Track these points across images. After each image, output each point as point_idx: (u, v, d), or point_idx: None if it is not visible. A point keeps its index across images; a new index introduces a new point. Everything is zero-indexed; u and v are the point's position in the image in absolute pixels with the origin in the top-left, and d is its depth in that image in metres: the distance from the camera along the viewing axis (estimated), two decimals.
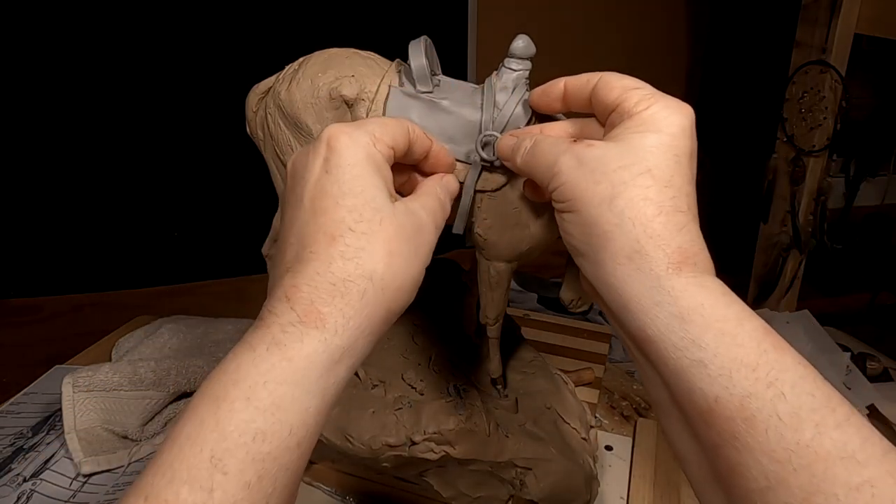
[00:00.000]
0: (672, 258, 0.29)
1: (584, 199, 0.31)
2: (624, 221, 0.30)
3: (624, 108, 0.32)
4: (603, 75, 0.35)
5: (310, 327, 0.28)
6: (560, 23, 1.36)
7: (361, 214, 0.30)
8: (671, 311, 0.28)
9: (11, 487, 0.62)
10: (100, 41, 1.13)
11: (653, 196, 0.30)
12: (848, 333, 1.05)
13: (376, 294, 0.30)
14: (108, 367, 0.69)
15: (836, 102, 1.10)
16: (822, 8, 1.07)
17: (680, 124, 0.31)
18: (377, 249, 0.30)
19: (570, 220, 0.32)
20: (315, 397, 0.28)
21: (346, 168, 0.31)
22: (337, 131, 0.32)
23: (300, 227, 0.31)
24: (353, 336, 0.29)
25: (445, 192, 0.38)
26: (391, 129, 0.34)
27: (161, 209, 1.28)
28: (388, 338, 0.58)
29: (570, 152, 0.32)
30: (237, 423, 0.26)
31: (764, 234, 1.29)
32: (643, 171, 0.30)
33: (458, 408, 0.51)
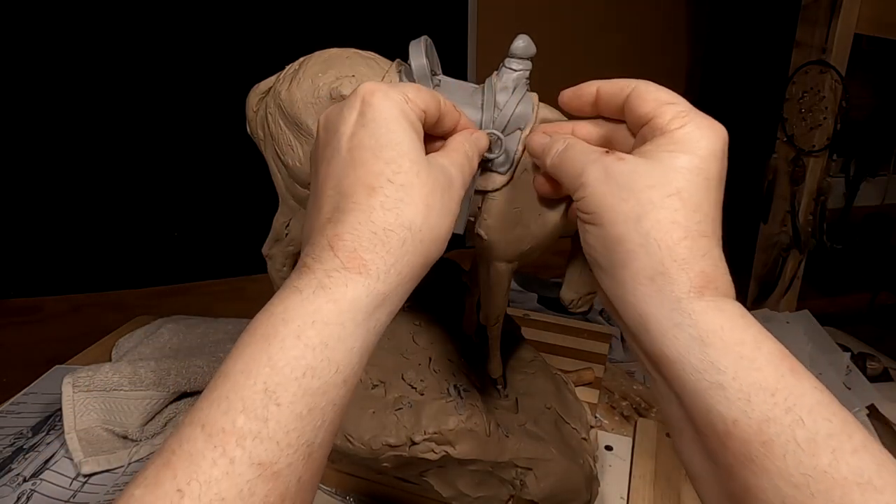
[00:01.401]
0: (694, 282, 0.29)
1: (609, 214, 0.31)
2: (649, 242, 0.30)
3: (657, 124, 0.32)
4: (637, 84, 0.34)
5: (353, 273, 0.29)
6: (560, 23, 1.36)
7: (400, 166, 0.31)
8: (691, 334, 0.28)
9: (11, 487, 0.62)
10: (100, 41, 1.13)
11: (680, 219, 0.30)
12: (848, 333, 1.05)
13: (415, 243, 0.31)
14: (108, 367, 0.69)
15: (836, 102, 1.10)
16: (822, 8, 1.08)
17: (712, 147, 0.31)
18: (416, 201, 0.31)
19: (593, 232, 0.32)
20: (358, 339, 0.29)
21: (381, 122, 0.31)
22: (372, 87, 0.32)
23: (338, 179, 0.32)
24: (394, 282, 0.30)
25: (474, 147, 0.38)
26: (424, 94, 0.34)
27: (161, 209, 1.28)
28: (388, 338, 0.58)
29: (599, 163, 0.32)
30: (288, 359, 0.27)
31: (764, 234, 1.29)
32: (672, 193, 0.30)
33: (458, 408, 0.51)
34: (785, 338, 0.95)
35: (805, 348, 0.92)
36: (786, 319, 1.02)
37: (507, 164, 0.44)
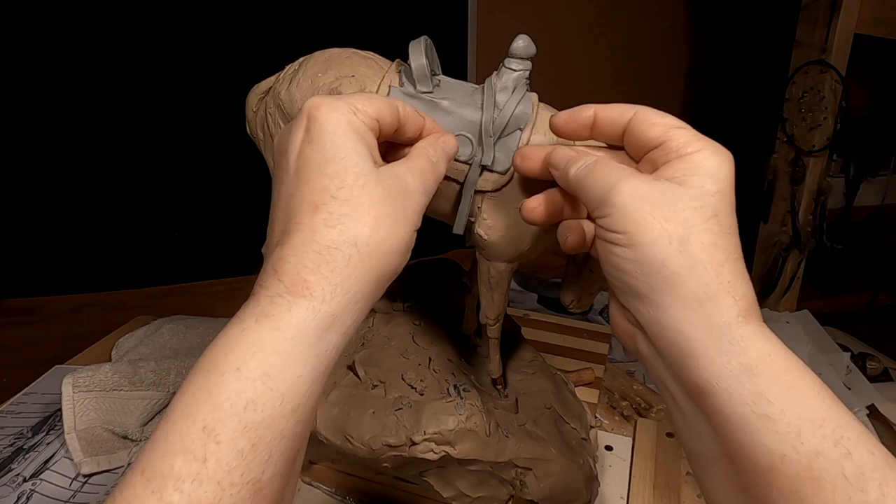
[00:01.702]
0: (741, 305, 0.28)
1: (648, 235, 0.30)
2: (696, 265, 0.29)
3: (671, 147, 0.32)
4: (639, 109, 0.34)
5: (297, 296, 0.28)
6: (560, 23, 1.36)
7: (344, 180, 0.30)
8: (740, 362, 0.27)
9: (11, 487, 0.62)
10: (100, 41, 1.13)
11: (720, 242, 0.29)
12: (848, 333, 1.05)
13: (362, 259, 0.30)
14: (108, 367, 0.69)
15: (836, 102, 1.10)
16: (822, 8, 1.08)
17: (729, 171, 0.31)
18: (361, 215, 0.30)
19: (625, 255, 0.30)
20: (307, 365, 0.28)
21: (326, 136, 0.31)
22: (318, 101, 0.31)
23: (287, 200, 0.31)
24: (342, 302, 0.29)
25: (440, 151, 0.36)
26: (376, 102, 0.33)
27: (161, 209, 1.28)
28: (388, 338, 0.58)
29: (634, 179, 0.31)
30: (228, 394, 0.26)
31: (764, 234, 1.29)
32: (712, 216, 0.30)
33: (458, 408, 0.51)
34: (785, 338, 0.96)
35: (805, 348, 0.92)
36: (786, 319, 1.02)
37: (508, 163, 0.44)
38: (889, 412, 0.80)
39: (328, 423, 0.50)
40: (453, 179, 0.45)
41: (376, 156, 0.32)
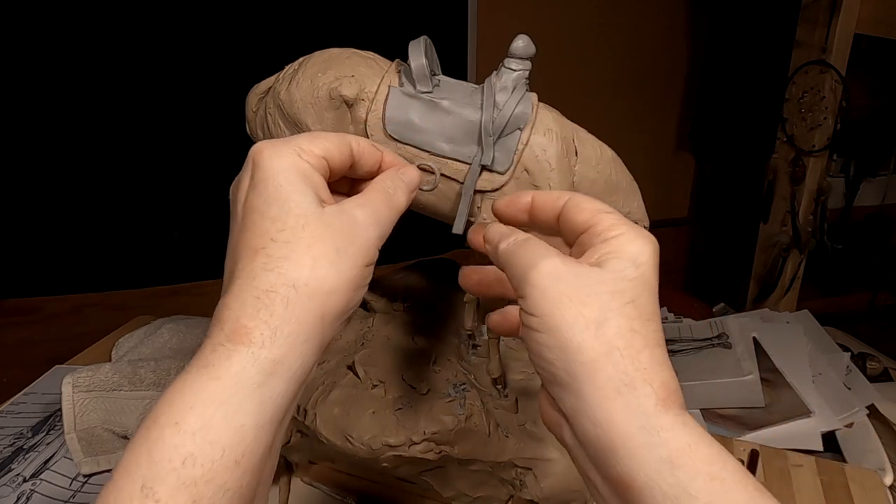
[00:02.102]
0: (659, 394, 0.28)
1: (564, 318, 0.29)
2: (612, 351, 0.28)
3: (595, 231, 0.32)
4: (573, 196, 0.34)
5: (237, 343, 0.28)
6: (560, 23, 1.36)
7: (285, 223, 0.30)
8: (661, 455, 0.26)
9: (11, 487, 0.62)
10: (100, 41, 1.13)
11: (638, 328, 0.29)
12: (848, 333, 1.05)
13: (302, 300, 0.29)
14: (108, 367, 0.69)
15: (836, 102, 1.10)
16: (822, 8, 1.07)
17: (652, 256, 0.31)
18: (299, 256, 0.29)
19: (544, 342, 0.29)
20: (249, 414, 0.27)
21: (269, 180, 0.31)
22: (261, 146, 0.32)
23: (233, 247, 0.31)
24: (285, 346, 0.28)
25: (398, 183, 0.36)
26: (323, 141, 0.33)
27: (161, 209, 1.28)
28: (388, 338, 0.58)
29: (553, 260, 0.30)
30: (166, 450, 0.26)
31: (764, 234, 1.29)
32: (629, 301, 0.29)
33: (458, 408, 0.51)
34: (785, 338, 0.96)
35: (805, 348, 0.92)
36: (786, 319, 1.02)
37: (507, 163, 0.44)
38: (889, 412, 0.80)
39: (328, 423, 0.50)
40: (454, 179, 0.45)
41: (324, 194, 0.32)
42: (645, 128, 1.50)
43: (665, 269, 0.31)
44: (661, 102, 1.50)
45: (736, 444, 0.67)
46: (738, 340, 0.93)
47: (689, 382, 0.86)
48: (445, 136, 0.44)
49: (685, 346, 0.95)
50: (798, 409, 0.80)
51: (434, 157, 0.45)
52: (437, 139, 0.44)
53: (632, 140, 1.10)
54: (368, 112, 0.45)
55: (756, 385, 0.84)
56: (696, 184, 1.63)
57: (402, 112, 0.44)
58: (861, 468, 0.65)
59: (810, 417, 0.78)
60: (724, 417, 0.82)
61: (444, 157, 0.44)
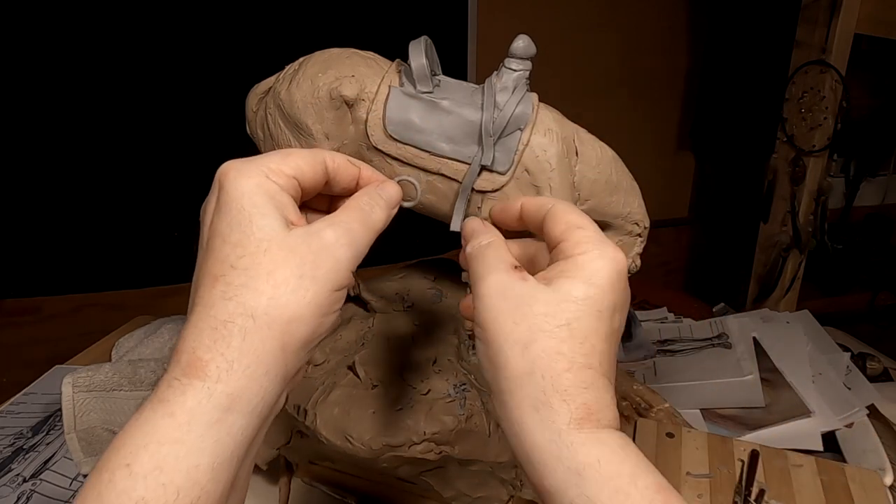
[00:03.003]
0: (575, 414, 0.29)
1: (500, 334, 0.30)
2: (535, 371, 0.29)
3: (563, 248, 0.32)
4: (555, 204, 0.34)
5: (192, 378, 0.27)
6: (560, 23, 1.36)
7: (245, 248, 0.29)
8: (569, 466, 0.28)
9: (11, 487, 0.62)
10: (100, 41, 1.13)
11: (566, 350, 0.29)
12: (848, 333, 1.05)
13: (260, 330, 0.28)
14: (108, 367, 0.69)
15: (836, 102, 1.10)
16: (822, 8, 1.07)
17: (609, 277, 0.31)
18: (259, 284, 0.28)
19: (482, 351, 0.31)
20: (204, 453, 0.26)
21: (233, 203, 0.30)
22: (226, 168, 0.31)
23: (196, 273, 0.30)
24: (242, 379, 0.27)
25: (377, 199, 0.35)
26: (295, 159, 0.32)
27: (161, 209, 1.28)
28: (388, 338, 0.58)
29: (503, 275, 0.32)
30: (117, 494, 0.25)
31: (764, 234, 1.29)
32: (563, 324, 0.30)
33: (459, 408, 0.51)
34: (785, 338, 0.96)
35: (805, 348, 0.92)
36: (786, 319, 1.01)
37: (508, 164, 0.44)
38: (889, 412, 0.80)
39: (328, 423, 0.50)
40: (454, 179, 0.45)
41: (293, 215, 0.31)
42: (645, 128, 1.50)
43: (665, 269, 0.31)
44: (661, 102, 1.50)
45: (736, 444, 0.67)
46: (738, 340, 0.93)
47: (689, 382, 0.86)
48: (445, 136, 0.44)
49: (685, 346, 0.95)
50: (798, 409, 0.80)
51: (434, 157, 0.45)
52: (437, 139, 0.44)
53: (632, 140, 1.10)
54: (369, 112, 0.45)
55: (756, 385, 0.84)
56: (696, 184, 1.63)
57: (402, 112, 0.44)
58: (861, 468, 0.65)
59: (810, 417, 0.78)
60: (724, 417, 0.81)
61: (444, 157, 0.44)
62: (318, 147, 0.47)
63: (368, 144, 0.46)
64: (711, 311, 1.24)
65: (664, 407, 0.75)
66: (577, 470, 0.28)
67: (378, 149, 0.45)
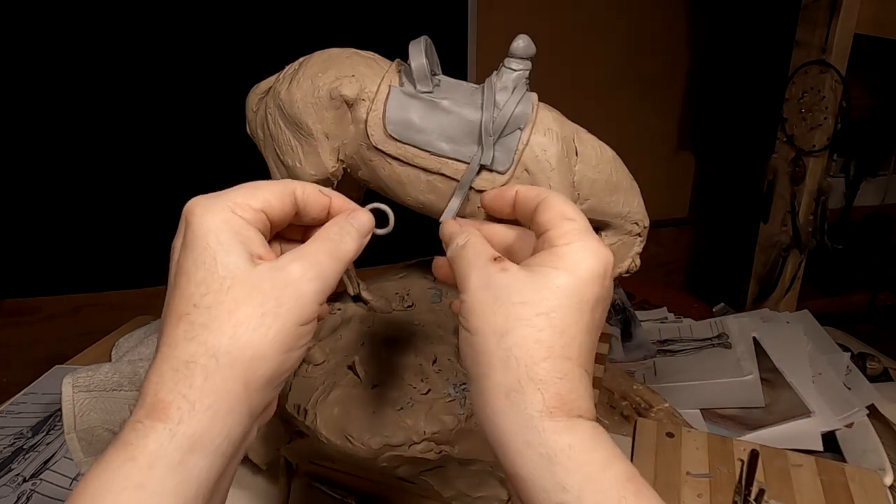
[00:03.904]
0: (548, 403, 0.29)
1: (481, 324, 0.31)
2: (510, 359, 0.30)
3: (549, 237, 0.33)
4: (549, 195, 0.35)
5: (154, 420, 0.27)
6: (560, 23, 1.36)
7: (209, 286, 0.29)
8: (540, 452, 0.28)
9: (11, 487, 0.62)
10: (100, 42, 1.13)
11: (545, 339, 0.30)
12: (848, 333, 1.05)
13: (222, 370, 0.28)
14: (108, 367, 0.69)
15: (836, 102, 1.10)
16: (822, 8, 1.07)
17: (592, 270, 0.31)
18: (220, 324, 0.28)
19: (465, 340, 0.32)
20: (168, 496, 0.26)
21: (198, 240, 0.30)
22: (192, 204, 0.31)
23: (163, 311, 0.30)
24: (205, 420, 0.27)
25: (348, 229, 0.34)
26: (262, 192, 0.32)
27: (161, 209, 1.28)
28: (388, 338, 0.58)
29: (483, 270, 0.32)
30: None
31: (764, 234, 1.29)
32: (542, 313, 0.30)
33: (459, 408, 0.51)
34: (785, 338, 0.96)
35: (805, 348, 0.92)
36: (786, 319, 1.01)
37: (507, 163, 0.44)
38: (889, 412, 0.80)
39: (328, 423, 0.50)
40: (454, 179, 0.45)
41: (261, 249, 0.31)
42: (645, 128, 1.50)
43: (665, 269, 0.31)
44: (662, 102, 1.50)
45: (736, 444, 0.67)
46: (738, 340, 0.93)
47: (689, 382, 0.86)
48: (445, 136, 0.44)
49: (685, 346, 0.95)
50: (798, 409, 0.80)
51: (434, 157, 0.45)
52: (437, 139, 0.44)
53: (632, 140, 1.10)
54: (369, 112, 0.45)
55: (756, 385, 0.84)
56: (696, 184, 1.63)
57: (402, 112, 0.44)
58: (861, 468, 0.65)
59: (810, 417, 0.78)
60: (724, 417, 0.82)
61: (444, 156, 0.44)
62: (319, 147, 0.47)
63: (368, 144, 0.46)
64: (711, 311, 1.24)
65: (664, 407, 0.75)
66: (548, 456, 0.28)
67: (378, 148, 0.45)
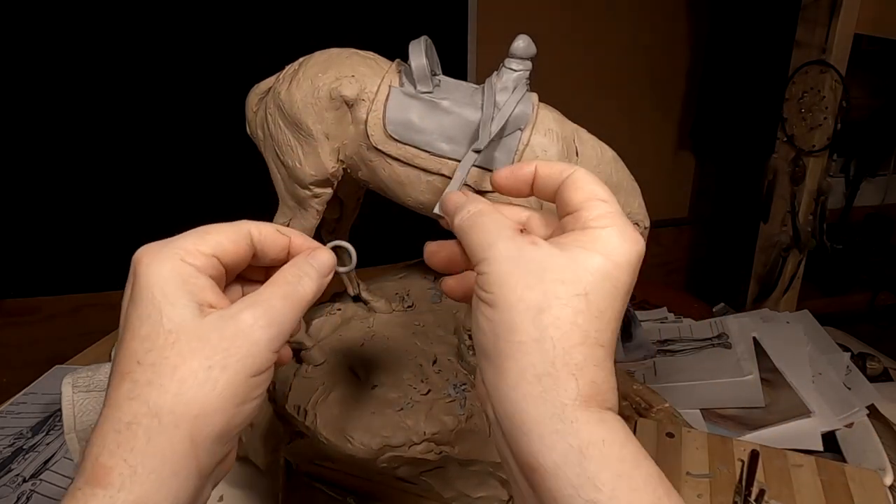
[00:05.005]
0: (583, 391, 0.27)
1: (509, 298, 0.28)
2: (545, 339, 0.27)
3: (581, 216, 0.31)
4: (576, 171, 0.32)
5: (95, 487, 0.26)
6: (560, 23, 1.36)
7: (153, 342, 0.28)
8: (571, 444, 0.26)
9: (11, 488, 0.62)
10: (100, 42, 1.13)
11: (582, 322, 0.28)
12: (848, 333, 1.05)
13: (166, 430, 0.27)
14: (108, 367, 0.69)
15: (836, 102, 1.10)
16: (822, 8, 1.07)
17: (628, 257, 0.29)
18: (164, 381, 0.27)
19: (486, 314, 0.29)
20: None
21: (145, 292, 0.29)
22: (140, 253, 0.30)
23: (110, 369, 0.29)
24: (147, 484, 0.26)
25: (307, 270, 0.33)
26: (213, 236, 0.31)
27: (161, 209, 1.28)
28: (388, 338, 0.58)
29: (512, 241, 0.30)
30: None
31: (764, 234, 1.29)
32: (580, 293, 0.28)
33: (459, 408, 0.51)
34: (785, 338, 0.96)
35: (805, 348, 0.92)
36: (786, 319, 1.01)
37: (508, 163, 0.44)
38: (889, 412, 0.80)
39: (328, 423, 0.50)
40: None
41: (212, 297, 0.30)
42: (645, 128, 1.50)
43: (665, 269, 0.31)
44: (662, 102, 1.50)
45: (736, 444, 0.67)
46: (738, 340, 0.93)
47: (689, 382, 0.86)
48: (445, 136, 0.44)
49: (685, 346, 0.95)
50: (798, 409, 0.80)
51: (434, 157, 0.45)
52: (437, 139, 0.44)
53: (632, 140, 1.10)
54: (369, 112, 0.45)
55: (756, 385, 0.84)
56: (696, 184, 1.63)
57: (402, 112, 0.44)
58: (861, 468, 0.65)
59: (810, 417, 0.78)
60: (724, 417, 0.81)
61: (444, 157, 0.44)
62: (319, 147, 0.47)
63: (368, 144, 0.46)
64: (711, 311, 1.24)
65: (664, 407, 0.75)
66: (579, 449, 0.26)
67: (378, 149, 0.45)
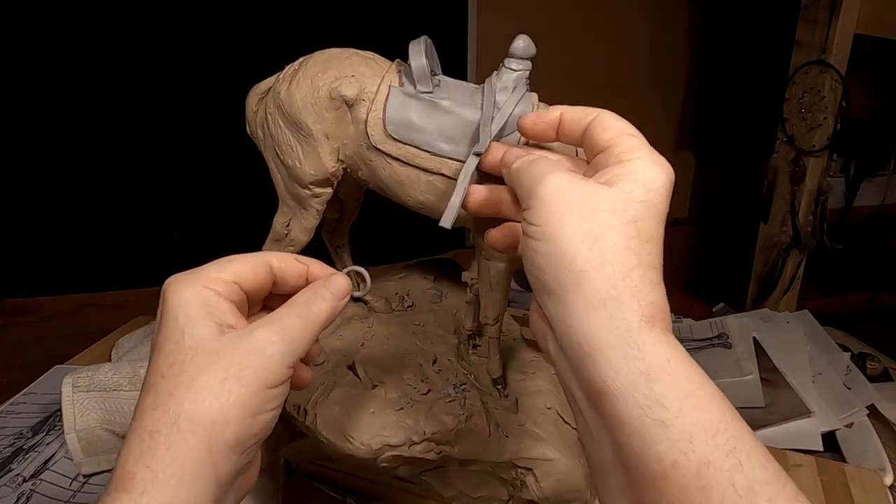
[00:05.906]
0: (646, 311, 0.28)
1: (564, 230, 0.30)
2: (605, 264, 0.28)
3: (614, 152, 0.32)
4: (601, 113, 0.34)
5: (121, 492, 0.27)
6: (560, 23, 1.36)
7: (175, 358, 0.30)
8: (638, 366, 0.27)
9: (11, 488, 0.62)
10: (100, 42, 1.13)
11: (634, 247, 0.29)
12: (848, 333, 1.05)
13: (184, 437, 0.28)
14: (108, 367, 0.69)
15: (836, 102, 1.10)
16: (822, 8, 1.08)
17: (665, 185, 0.31)
18: (182, 391, 0.29)
19: (540, 250, 0.30)
20: None
21: (170, 316, 0.31)
22: (168, 282, 0.32)
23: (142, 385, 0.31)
24: (167, 488, 0.28)
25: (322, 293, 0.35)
26: (234, 265, 0.33)
27: (161, 209, 1.28)
28: (388, 338, 0.58)
29: (561, 174, 0.31)
30: None
31: (764, 234, 1.29)
32: (630, 221, 0.29)
33: (459, 408, 0.51)
34: (785, 338, 0.96)
35: (805, 348, 0.92)
36: (786, 319, 1.01)
37: None
38: (889, 412, 0.80)
39: (328, 423, 0.50)
40: (454, 179, 0.45)
41: (233, 319, 0.32)
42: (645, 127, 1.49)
43: (665, 269, 0.31)
44: (662, 102, 1.50)
45: None
46: (738, 340, 0.93)
47: None
48: (445, 136, 0.44)
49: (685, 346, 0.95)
50: (798, 409, 0.80)
51: (434, 157, 0.45)
52: (437, 139, 0.44)
53: None
54: (369, 112, 0.45)
55: (756, 385, 0.84)
56: (696, 184, 1.63)
57: (402, 112, 0.44)
58: (861, 468, 0.65)
59: (810, 417, 0.78)
60: None
61: (444, 156, 0.44)
62: (319, 147, 0.47)
63: (368, 144, 0.46)
64: (711, 311, 1.24)
65: None
66: (646, 371, 0.27)
67: (378, 148, 0.45)
